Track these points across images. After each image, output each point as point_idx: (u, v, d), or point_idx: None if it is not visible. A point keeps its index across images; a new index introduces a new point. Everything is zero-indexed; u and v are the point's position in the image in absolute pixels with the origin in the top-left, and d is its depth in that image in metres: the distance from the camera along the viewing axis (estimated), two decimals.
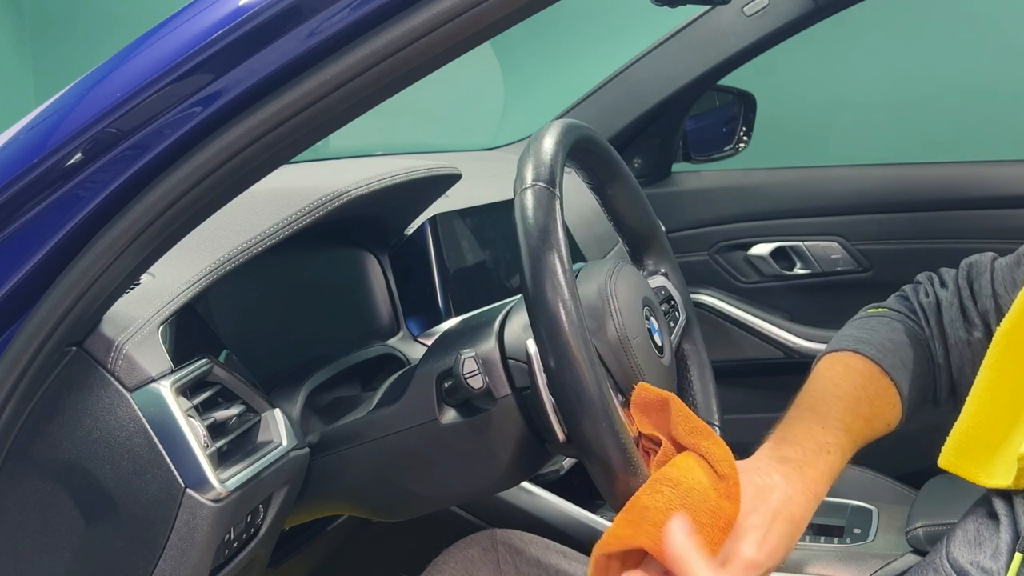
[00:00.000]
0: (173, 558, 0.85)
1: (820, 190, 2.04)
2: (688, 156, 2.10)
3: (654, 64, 1.99)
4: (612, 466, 0.85)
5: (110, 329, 0.85)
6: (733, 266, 2.06)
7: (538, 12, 0.76)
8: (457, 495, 1.09)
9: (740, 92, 2.08)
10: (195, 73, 0.74)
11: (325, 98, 0.73)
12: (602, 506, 1.47)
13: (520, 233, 0.87)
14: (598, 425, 0.84)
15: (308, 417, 1.10)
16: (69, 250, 0.77)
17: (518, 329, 0.97)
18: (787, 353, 1.99)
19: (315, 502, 1.06)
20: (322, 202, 1.09)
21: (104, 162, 0.76)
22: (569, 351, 0.83)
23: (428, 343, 1.27)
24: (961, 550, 0.94)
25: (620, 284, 0.97)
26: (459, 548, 1.25)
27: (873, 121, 2.53)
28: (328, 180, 1.15)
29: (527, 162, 0.91)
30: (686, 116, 2.05)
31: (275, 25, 0.73)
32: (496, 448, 0.97)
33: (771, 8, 1.87)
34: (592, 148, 1.04)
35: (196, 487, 0.85)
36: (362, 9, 0.72)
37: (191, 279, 0.95)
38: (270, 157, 0.77)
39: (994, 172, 1.99)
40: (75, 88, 0.81)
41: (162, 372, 0.86)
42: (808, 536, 1.49)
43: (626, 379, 0.93)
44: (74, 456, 0.84)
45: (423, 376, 0.99)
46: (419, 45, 0.72)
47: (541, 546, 1.28)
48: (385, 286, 1.36)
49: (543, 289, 0.84)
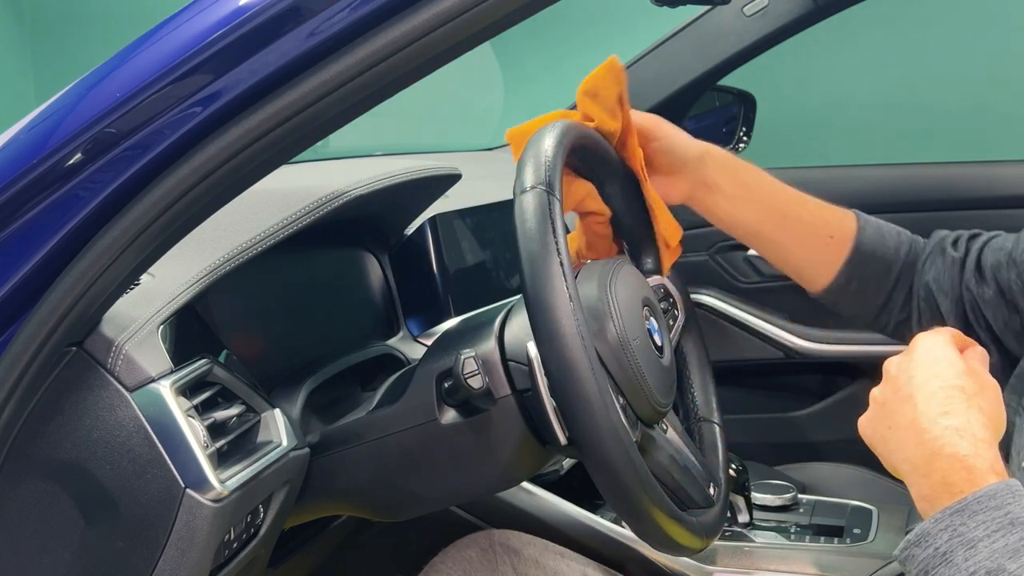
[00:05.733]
0: (173, 558, 0.85)
1: (820, 190, 2.03)
2: None
3: (654, 64, 1.99)
4: (614, 469, 0.85)
5: (110, 329, 0.85)
6: (733, 266, 2.05)
7: (538, 12, 0.76)
8: (457, 495, 1.09)
9: (740, 92, 2.07)
10: (195, 73, 0.74)
11: (325, 98, 0.73)
12: (602, 506, 1.47)
13: (520, 238, 0.87)
14: (600, 428, 0.84)
15: (308, 417, 1.10)
16: (69, 250, 0.77)
17: (518, 330, 0.97)
18: (787, 353, 1.99)
19: (315, 502, 1.06)
20: (322, 202, 1.09)
21: (104, 162, 0.76)
22: (570, 356, 0.83)
23: (428, 343, 1.27)
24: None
25: (620, 285, 0.97)
26: (457, 549, 1.25)
27: (873, 121, 2.53)
28: (328, 180, 1.15)
29: (526, 164, 0.91)
30: (686, 116, 2.05)
31: (275, 25, 0.73)
32: (496, 448, 0.97)
33: (771, 8, 1.87)
34: (591, 147, 1.04)
35: (196, 487, 0.85)
36: (362, 9, 0.72)
37: (191, 279, 0.95)
38: (270, 157, 0.77)
39: (994, 172, 1.99)
40: (75, 88, 0.81)
41: (162, 372, 0.86)
42: (808, 536, 1.49)
43: (627, 380, 0.93)
44: (74, 456, 0.84)
45: (423, 376, 0.99)
46: (419, 45, 0.72)
47: (539, 547, 1.28)
48: (385, 286, 1.36)
49: (544, 295, 0.84)
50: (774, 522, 1.52)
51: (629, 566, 1.38)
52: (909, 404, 0.81)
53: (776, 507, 1.54)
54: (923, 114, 2.48)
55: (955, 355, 0.83)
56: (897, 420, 0.82)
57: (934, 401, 0.80)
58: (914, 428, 0.80)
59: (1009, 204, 1.93)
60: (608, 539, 1.40)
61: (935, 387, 0.81)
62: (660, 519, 0.90)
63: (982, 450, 0.77)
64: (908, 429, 0.80)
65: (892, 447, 0.82)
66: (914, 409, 0.80)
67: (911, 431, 0.80)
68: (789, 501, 1.54)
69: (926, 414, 0.79)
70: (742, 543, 1.45)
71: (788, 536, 1.49)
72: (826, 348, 1.97)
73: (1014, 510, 0.73)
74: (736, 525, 1.47)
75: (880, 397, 0.85)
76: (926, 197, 1.98)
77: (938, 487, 0.77)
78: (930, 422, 0.79)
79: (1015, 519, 0.73)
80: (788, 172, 2.16)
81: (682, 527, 0.93)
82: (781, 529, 1.50)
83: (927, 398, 0.80)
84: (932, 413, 0.79)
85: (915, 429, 0.80)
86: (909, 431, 0.80)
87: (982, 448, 0.77)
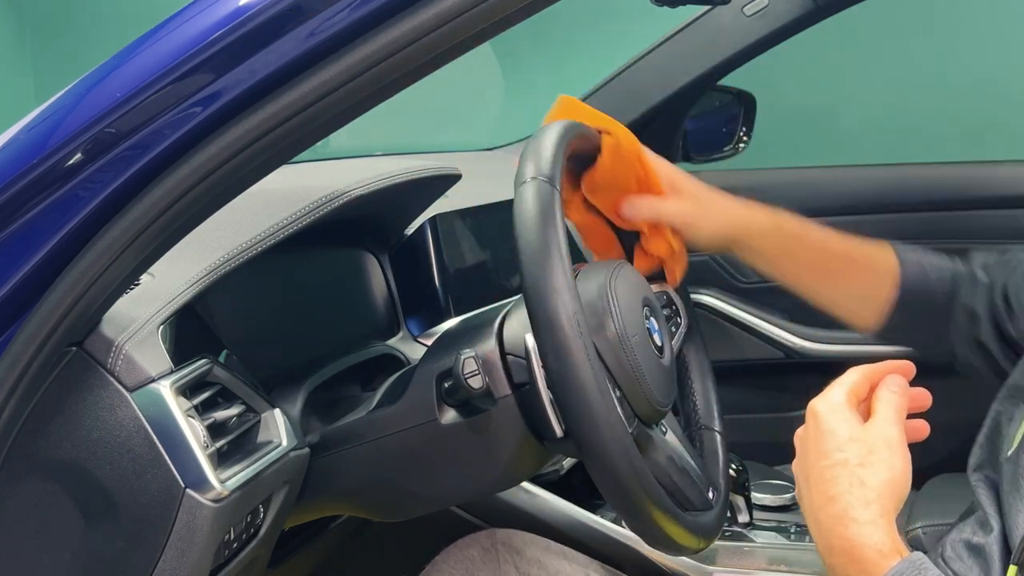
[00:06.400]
0: (173, 558, 0.85)
1: (820, 190, 2.04)
2: (688, 156, 2.10)
3: (654, 64, 1.99)
4: (610, 462, 0.85)
5: (110, 329, 0.85)
6: (733, 266, 2.05)
7: (538, 12, 0.76)
8: (457, 495, 1.09)
9: (740, 92, 2.07)
10: (195, 73, 0.74)
11: (325, 98, 0.73)
12: (602, 506, 1.47)
13: (519, 226, 0.87)
14: (595, 417, 0.84)
15: (308, 417, 1.10)
16: (69, 250, 0.77)
17: (518, 328, 0.96)
18: (787, 353, 1.99)
19: (315, 502, 1.06)
20: (322, 202, 1.09)
21: (104, 162, 0.76)
22: (567, 344, 0.83)
23: (428, 343, 1.27)
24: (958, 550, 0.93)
25: (620, 284, 0.97)
26: (459, 548, 1.25)
27: (873, 121, 2.53)
28: (328, 180, 1.15)
29: (527, 158, 0.91)
30: (686, 116, 2.05)
31: (275, 25, 0.73)
32: (496, 448, 0.97)
33: (771, 8, 1.87)
34: (591, 147, 1.04)
35: (196, 487, 0.85)
36: (362, 9, 0.72)
37: (191, 279, 0.95)
38: (270, 157, 0.77)
39: (994, 172, 1.99)
40: (75, 88, 0.81)
41: (162, 372, 0.86)
42: (808, 536, 1.48)
43: (624, 376, 0.93)
44: (74, 456, 0.84)
45: (423, 376, 0.99)
46: (419, 45, 0.72)
47: (541, 546, 1.28)
48: (385, 286, 1.36)
49: (541, 282, 0.84)
50: (774, 522, 1.52)
51: (629, 566, 1.38)
52: (806, 488, 0.80)
53: (776, 507, 1.54)
54: (923, 114, 2.48)
55: (840, 419, 0.79)
56: (804, 504, 0.81)
57: (820, 486, 0.78)
58: (811, 518, 0.79)
59: (1009, 204, 1.93)
60: (608, 539, 1.40)
61: (821, 467, 0.78)
62: (658, 517, 0.89)
63: (866, 535, 0.74)
64: (809, 518, 0.79)
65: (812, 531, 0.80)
66: (809, 494, 0.79)
67: (811, 520, 0.79)
68: (789, 501, 1.55)
69: (815, 503, 0.78)
70: (742, 543, 1.45)
71: (788, 536, 1.49)
72: (826, 348, 1.97)
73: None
74: (736, 525, 1.47)
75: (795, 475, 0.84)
76: (926, 197, 1.99)
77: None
78: (818, 512, 0.77)
79: None
80: (788, 172, 2.18)
81: (681, 526, 0.93)
82: (781, 529, 1.50)
83: (816, 482, 0.78)
84: (819, 501, 0.78)
85: (812, 519, 0.79)
86: (810, 519, 0.79)
87: (865, 533, 0.74)
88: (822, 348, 1.97)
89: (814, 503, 0.78)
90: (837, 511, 0.76)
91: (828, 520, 0.76)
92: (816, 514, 0.78)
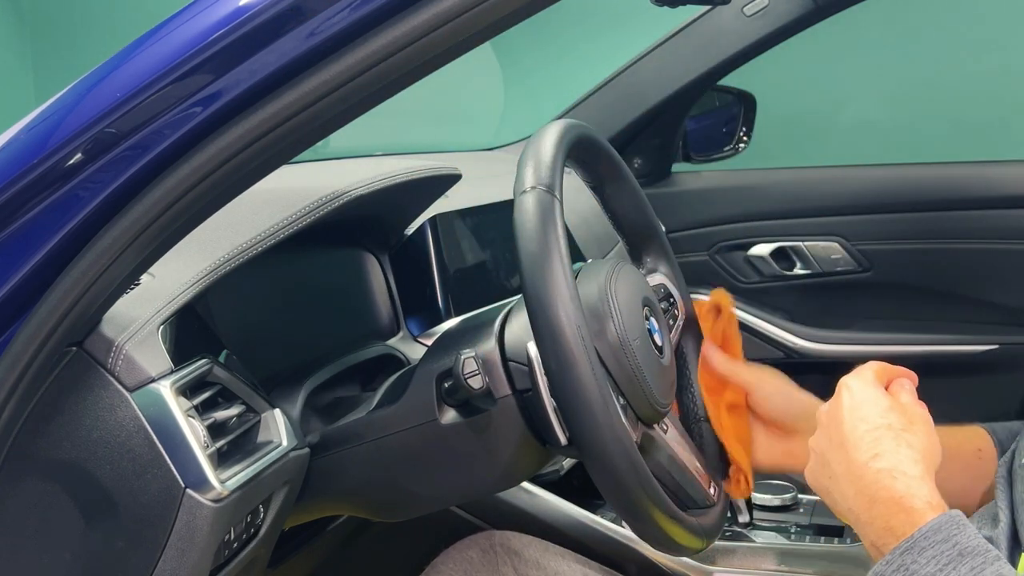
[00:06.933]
0: (173, 558, 0.85)
1: (820, 190, 2.04)
2: (688, 156, 2.10)
3: (654, 64, 1.99)
4: (614, 468, 0.85)
5: (110, 329, 0.85)
6: (733, 266, 2.06)
7: (538, 12, 0.76)
8: (457, 495, 1.09)
9: (740, 92, 2.08)
10: (195, 73, 0.74)
11: (325, 98, 0.73)
12: (602, 506, 1.47)
13: (520, 236, 0.87)
14: (600, 428, 0.84)
15: (308, 417, 1.10)
16: (69, 250, 0.77)
17: (518, 330, 0.97)
18: (787, 353, 1.99)
19: (315, 502, 1.06)
20: (322, 202, 1.09)
21: (104, 162, 0.76)
22: (570, 356, 0.84)
23: (428, 343, 1.27)
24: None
25: (620, 285, 0.97)
26: (458, 550, 1.25)
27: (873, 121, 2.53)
28: (328, 180, 1.15)
29: (527, 164, 0.91)
30: (686, 116, 2.05)
31: (275, 25, 0.73)
32: (496, 448, 0.97)
33: (771, 8, 1.87)
34: (591, 147, 1.04)
35: (196, 487, 0.85)
36: (362, 9, 0.72)
37: (191, 279, 0.95)
38: (270, 157, 0.77)
39: (994, 172, 1.99)
40: (75, 88, 0.81)
41: (162, 372, 0.86)
42: (808, 536, 1.49)
43: (626, 380, 0.93)
44: (74, 456, 0.84)
45: (423, 376, 0.99)
46: (419, 45, 0.72)
47: (540, 548, 1.28)
48: (385, 286, 1.36)
49: (544, 295, 0.85)
50: (774, 522, 1.52)
51: (629, 566, 1.38)
52: (841, 451, 0.82)
53: (776, 507, 1.54)
54: (923, 114, 2.48)
55: (878, 393, 0.84)
56: (834, 469, 0.82)
57: (863, 445, 0.80)
58: (849, 476, 0.81)
59: (1009, 204, 1.93)
60: (608, 539, 1.40)
61: (862, 431, 0.81)
62: (660, 519, 0.90)
63: (915, 487, 0.78)
64: (844, 478, 0.81)
65: (836, 497, 0.83)
66: (846, 456, 0.81)
67: (847, 479, 0.81)
68: (789, 501, 1.55)
69: (857, 460, 0.80)
70: (742, 543, 1.45)
71: (788, 536, 1.49)
72: (826, 348, 1.97)
73: (961, 540, 0.74)
74: (736, 525, 1.47)
75: (817, 447, 0.85)
76: (926, 197, 1.99)
77: (882, 533, 0.77)
78: (862, 468, 0.80)
79: (963, 549, 0.73)
80: (788, 172, 2.18)
81: (682, 527, 0.93)
82: (781, 529, 1.51)
83: (856, 443, 0.81)
84: (863, 458, 0.80)
85: (850, 477, 0.80)
86: (845, 480, 0.81)
87: (915, 485, 0.78)
88: (822, 348, 1.97)
89: (854, 462, 0.80)
90: (886, 465, 0.79)
91: (873, 474, 0.79)
92: (857, 471, 0.80)
